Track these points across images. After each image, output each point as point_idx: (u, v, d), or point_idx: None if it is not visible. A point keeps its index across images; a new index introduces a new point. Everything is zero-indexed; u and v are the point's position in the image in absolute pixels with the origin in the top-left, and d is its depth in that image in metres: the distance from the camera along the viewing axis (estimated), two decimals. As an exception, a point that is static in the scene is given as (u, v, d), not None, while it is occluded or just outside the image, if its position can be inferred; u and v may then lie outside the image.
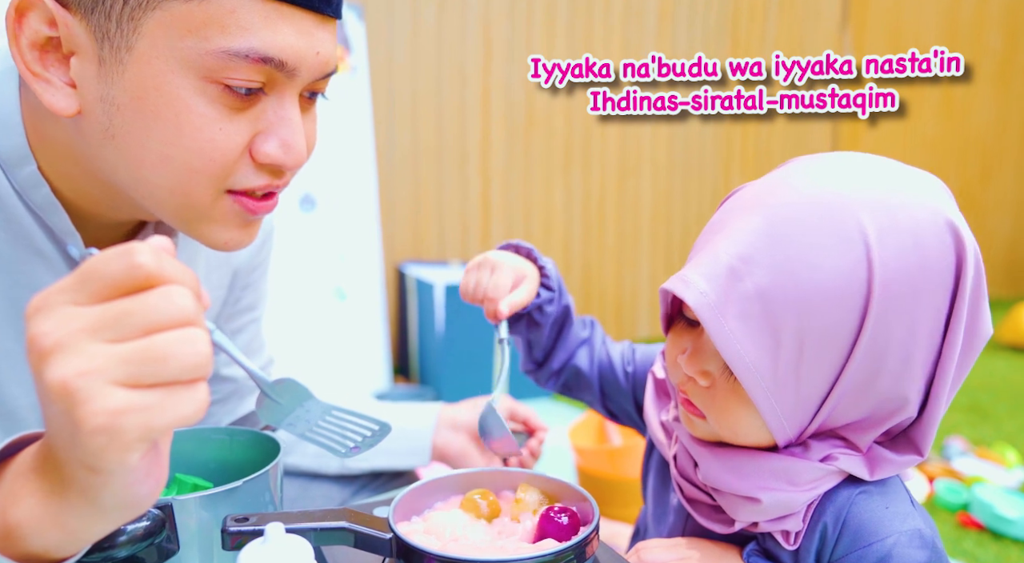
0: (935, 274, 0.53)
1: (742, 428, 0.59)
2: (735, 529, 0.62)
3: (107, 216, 0.69)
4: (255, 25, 0.56)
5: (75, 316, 0.38)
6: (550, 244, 3.38)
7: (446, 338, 2.65)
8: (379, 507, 0.66)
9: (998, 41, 4.44)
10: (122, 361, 0.37)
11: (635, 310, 3.64)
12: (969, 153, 4.63)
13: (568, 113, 3.32)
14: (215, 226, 0.64)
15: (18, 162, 0.63)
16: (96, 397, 0.36)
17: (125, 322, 0.37)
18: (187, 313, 0.38)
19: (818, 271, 0.52)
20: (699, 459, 0.62)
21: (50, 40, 0.58)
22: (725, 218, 0.59)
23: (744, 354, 0.54)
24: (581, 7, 3.27)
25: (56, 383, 0.36)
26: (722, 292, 0.54)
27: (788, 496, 0.57)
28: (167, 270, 0.39)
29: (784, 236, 0.53)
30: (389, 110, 2.97)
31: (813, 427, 0.58)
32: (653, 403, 0.75)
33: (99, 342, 0.37)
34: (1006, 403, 2.68)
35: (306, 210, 2.58)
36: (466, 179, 3.16)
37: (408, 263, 3.03)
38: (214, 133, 0.58)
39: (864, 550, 0.56)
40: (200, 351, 0.38)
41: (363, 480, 1.02)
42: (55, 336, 0.37)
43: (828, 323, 0.52)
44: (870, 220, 0.52)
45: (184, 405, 0.38)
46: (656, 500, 0.73)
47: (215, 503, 0.57)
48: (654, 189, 3.59)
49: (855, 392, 0.55)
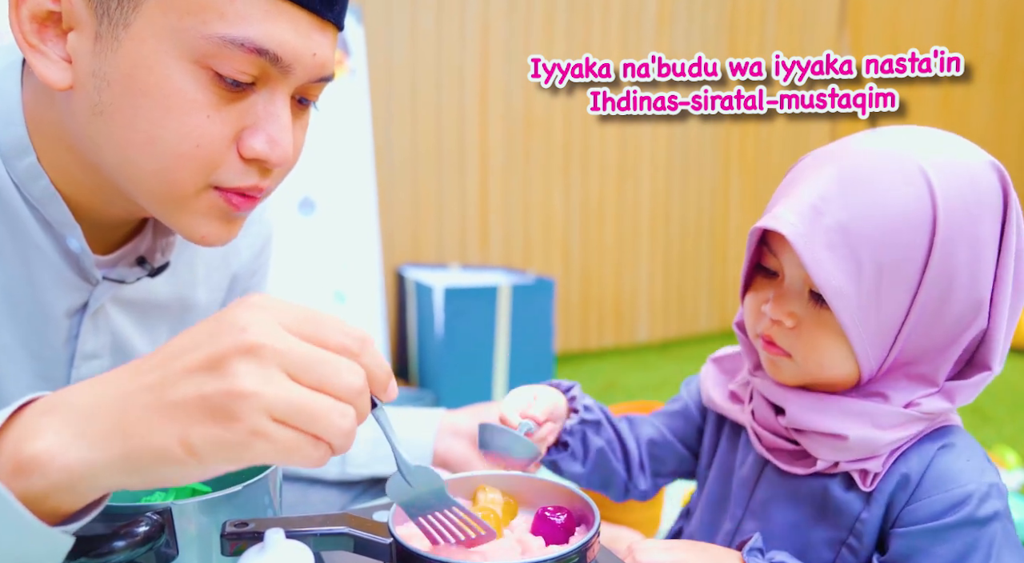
0: (987, 204, 0.61)
1: (828, 359, 0.64)
2: (816, 469, 0.66)
3: (102, 212, 0.69)
4: (254, 16, 0.56)
5: (282, 336, 0.43)
6: (549, 246, 3.38)
7: (445, 341, 2.65)
8: (379, 511, 0.65)
9: (996, 42, 4.45)
10: (287, 401, 0.42)
11: (634, 312, 3.64)
12: (968, 155, 4.63)
13: (567, 115, 3.32)
14: (197, 218, 0.64)
15: (17, 153, 0.63)
16: (251, 417, 0.41)
17: (309, 368, 0.43)
18: (353, 390, 0.44)
19: (889, 206, 0.60)
20: (785, 403, 0.68)
21: (51, 14, 0.58)
22: (797, 176, 0.67)
23: (832, 278, 0.60)
24: (579, 9, 3.27)
25: (236, 383, 0.41)
26: (808, 225, 0.61)
27: (873, 435, 0.63)
28: (364, 361, 0.46)
29: (855, 179, 0.61)
30: (388, 113, 2.97)
31: (893, 354, 0.63)
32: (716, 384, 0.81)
33: (283, 371, 0.43)
34: (1006, 405, 2.68)
35: (305, 213, 2.57)
36: (465, 182, 3.16)
37: (407, 266, 3.02)
38: (201, 120, 0.58)
39: (943, 494, 0.62)
40: (344, 426, 0.44)
41: (363, 485, 1.02)
42: (262, 341, 0.42)
43: (902, 249, 0.60)
44: (928, 163, 0.61)
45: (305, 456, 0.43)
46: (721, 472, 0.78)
47: (214, 508, 0.56)
48: (653, 191, 3.59)
49: (930, 314, 0.62)
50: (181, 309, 0.82)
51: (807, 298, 0.65)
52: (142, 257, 0.75)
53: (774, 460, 0.70)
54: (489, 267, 3.13)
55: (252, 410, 0.41)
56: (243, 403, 0.41)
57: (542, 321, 2.80)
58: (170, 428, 0.42)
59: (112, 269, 0.72)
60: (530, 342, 2.76)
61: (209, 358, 0.42)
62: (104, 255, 0.72)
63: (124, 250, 0.74)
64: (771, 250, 0.68)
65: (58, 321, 0.70)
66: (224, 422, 0.41)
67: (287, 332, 0.43)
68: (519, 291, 2.73)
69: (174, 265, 0.78)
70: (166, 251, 0.75)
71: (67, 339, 0.71)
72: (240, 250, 0.89)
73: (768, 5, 3.68)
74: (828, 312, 0.63)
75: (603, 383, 3.07)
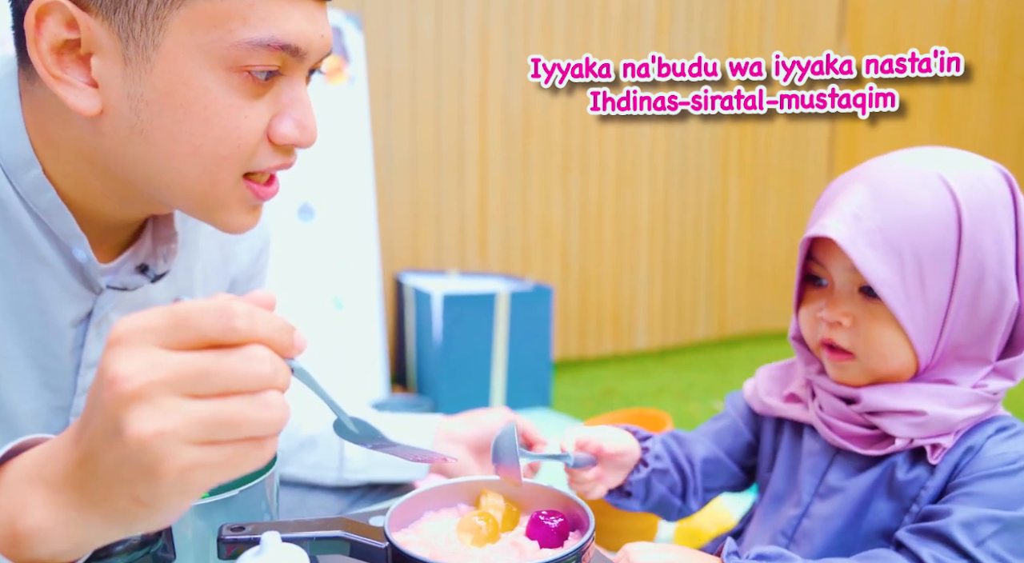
0: (1000, 199, 0.71)
1: (888, 348, 0.72)
2: (894, 448, 0.72)
3: (114, 215, 0.69)
4: (272, 15, 0.59)
5: (159, 363, 0.39)
6: (548, 251, 3.38)
7: (444, 347, 2.65)
8: (375, 516, 0.66)
9: (995, 46, 4.47)
10: (198, 422, 0.39)
11: (632, 319, 3.64)
12: (966, 164, 4.64)
13: (565, 120, 3.33)
14: (231, 211, 0.67)
15: (22, 167, 0.64)
16: (172, 456, 0.38)
17: (205, 380, 0.39)
18: (263, 378, 0.40)
19: (918, 208, 0.69)
20: (860, 393, 0.74)
21: (67, 42, 0.59)
22: (831, 197, 0.75)
23: (879, 270, 0.69)
24: (578, 14, 3.29)
25: (134, 436, 0.38)
26: (852, 229, 0.70)
27: (949, 412, 0.70)
28: (259, 333, 0.41)
29: (885, 190, 0.71)
30: (387, 119, 2.98)
31: (944, 338, 0.71)
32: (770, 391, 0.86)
33: (178, 396, 0.39)
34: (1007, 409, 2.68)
35: (304, 219, 2.58)
36: (464, 188, 3.17)
37: (406, 272, 3.03)
38: (240, 121, 0.61)
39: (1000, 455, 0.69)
40: (273, 417, 0.40)
41: (360, 491, 1.02)
42: (137, 383, 0.39)
43: (935, 243, 0.69)
44: (944, 171, 0.71)
45: (251, 461, 0.41)
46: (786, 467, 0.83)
47: (211, 512, 0.57)
48: (651, 198, 3.60)
49: (969, 297, 0.70)
50: None
51: (858, 296, 0.73)
52: (144, 264, 0.75)
53: (849, 445, 0.75)
54: (488, 274, 3.13)
55: (167, 450, 0.38)
56: (155, 449, 0.38)
57: (540, 328, 2.81)
58: (119, 489, 0.40)
59: (114, 277, 0.73)
60: (528, 349, 2.77)
61: (104, 419, 0.40)
62: (106, 263, 0.72)
63: (125, 256, 0.74)
64: (818, 262, 0.76)
65: (63, 331, 0.70)
66: (150, 473, 0.39)
67: (164, 350, 0.40)
68: (517, 298, 2.73)
69: (172, 270, 0.79)
70: (168, 258, 0.76)
71: (72, 348, 0.71)
72: (238, 254, 0.89)
73: (767, 7, 3.70)
74: (879, 306, 0.71)
75: (601, 390, 3.07)
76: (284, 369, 0.42)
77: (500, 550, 0.60)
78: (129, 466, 0.39)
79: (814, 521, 0.76)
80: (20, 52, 0.63)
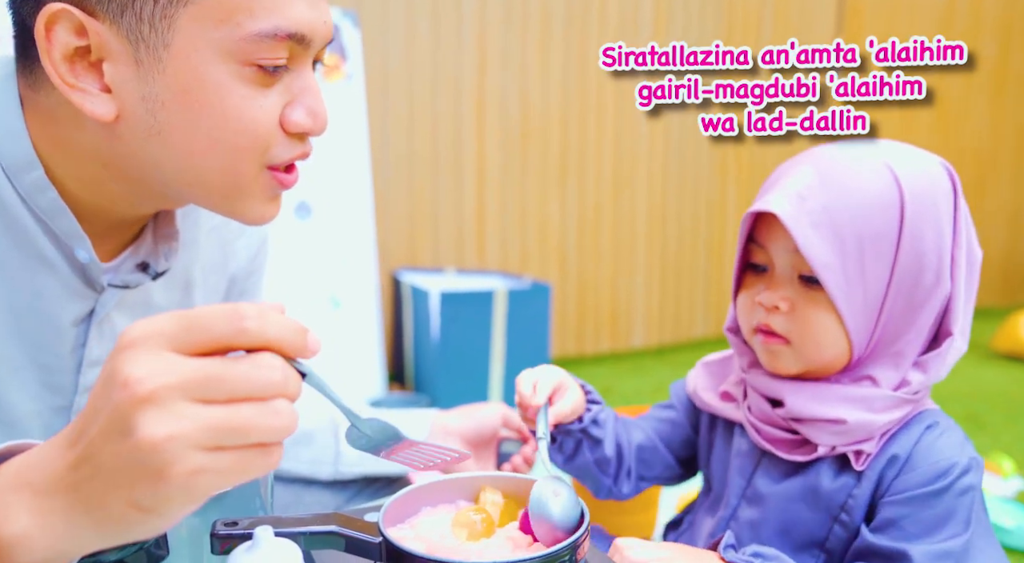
0: (941, 191, 0.71)
1: (823, 337, 0.71)
2: (816, 455, 0.72)
3: (124, 214, 0.70)
4: (276, 4, 0.59)
5: (172, 367, 0.40)
6: (545, 253, 3.38)
7: (441, 345, 2.65)
8: (370, 512, 0.65)
9: (992, 51, 4.47)
10: (207, 428, 0.39)
11: (630, 318, 3.64)
12: (964, 164, 4.65)
13: (563, 118, 3.33)
14: (254, 202, 0.67)
15: (24, 167, 0.63)
16: (180, 460, 0.39)
17: (216, 385, 0.40)
18: (273, 385, 0.41)
19: (863, 191, 0.69)
20: (783, 395, 0.73)
21: (78, 50, 0.59)
22: (777, 176, 0.75)
23: (821, 253, 0.68)
24: (577, 16, 3.29)
25: (145, 438, 0.38)
26: (796, 208, 0.69)
27: (869, 418, 0.69)
28: (270, 336, 0.42)
29: (832, 172, 0.70)
30: (384, 117, 2.97)
31: (879, 329, 0.71)
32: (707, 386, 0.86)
33: (190, 401, 0.39)
34: (1002, 412, 2.68)
35: (301, 218, 2.57)
36: (461, 187, 3.16)
37: (403, 270, 3.02)
38: (255, 112, 0.62)
39: (929, 466, 0.68)
40: (281, 424, 0.41)
41: (357, 486, 1.02)
42: (150, 386, 0.39)
43: (878, 228, 0.68)
44: (891, 159, 0.71)
45: (257, 468, 0.41)
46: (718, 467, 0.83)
47: (204, 508, 0.56)
48: (649, 197, 3.60)
49: (907, 287, 0.69)
50: None
51: (797, 282, 0.72)
52: (144, 262, 0.75)
53: (774, 450, 0.74)
54: (485, 272, 3.13)
55: (176, 454, 0.39)
56: (163, 453, 0.38)
57: (538, 326, 2.80)
58: (116, 494, 0.40)
59: (116, 274, 0.73)
60: (526, 347, 2.76)
61: (112, 420, 0.40)
62: (107, 261, 0.72)
63: (126, 254, 0.74)
64: (759, 244, 0.75)
65: (65, 330, 0.70)
66: (156, 476, 0.39)
67: (175, 355, 0.40)
68: (515, 296, 2.73)
69: (173, 268, 0.78)
70: (169, 256, 0.76)
71: (74, 347, 0.71)
72: (237, 251, 0.89)
73: (765, 5, 3.70)
74: (819, 292, 0.70)
75: (598, 388, 3.04)
76: (294, 377, 0.43)
77: (495, 545, 0.60)
78: (133, 469, 0.39)
79: (741, 526, 0.76)
80: (22, 61, 0.63)
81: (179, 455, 0.39)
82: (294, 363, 0.44)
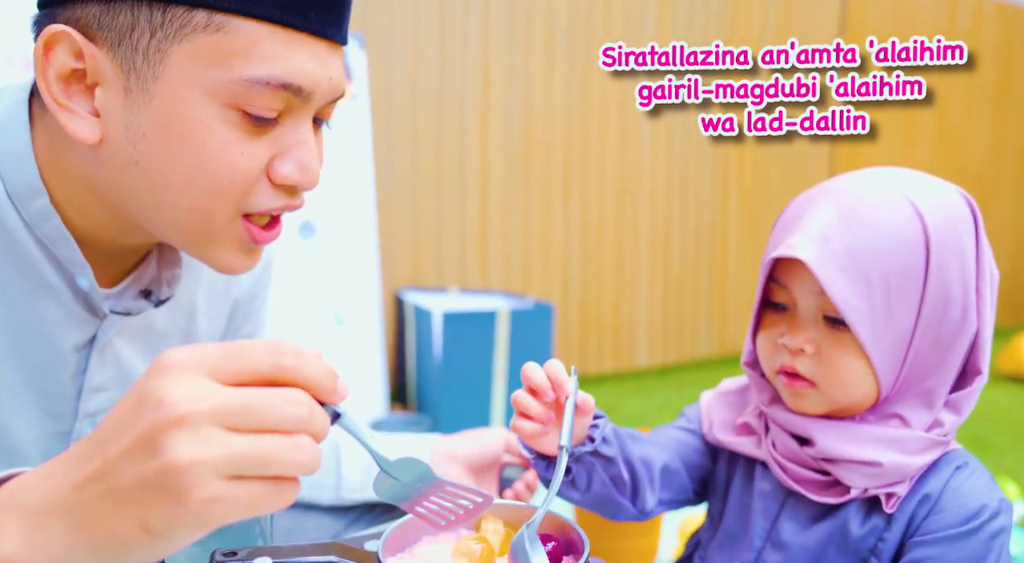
0: (963, 222, 0.69)
1: (851, 379, 0.68)
2: (850, 497, 0.69)
3: (117, 242, 0.70)
4: (276, 54, 0.59)
5: (207, 393, 0.40)
6: (548, 270, 3.38)
7: (444, 365, 2.64)
8: (370, 541, 0.65)
9: (992, 70, 4.49)
10: (232, 457, 0.40)
11: (633, 336, 3.63)
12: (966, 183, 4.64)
13: (566, 137, 3.34)
14: (224, 250, 0.66)
15: (30, 195, 0.64)
16: (200, 486, 0.39)
17: (246, 415, 0.40)
18: (300, 420, 0.42)
19: (886, 229, 0.67)
20: (815, 434, 0.70)
21: (75, 72, 0.59)
22: (796, 214, 0.72)
23: (847, 296, 0.66)
24: (580, 36, 3.31)
25: (172, 459, 0.39)
26: (821, 250, 0.67)
27: (904, 461, 0.67)
28: (304, 375, 0.43)
29: (853, 210, 0.68)
30: (388, 136, 2.99)
31: (907, 368, 0.69)
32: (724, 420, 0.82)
33: (219, 427, 0.40)
34: (1007, 435, 2.67)
35: (305, 237, 2.58)
36: (465, 206, 3.17)
37: (406, 290, 3.02)
38: (236, 156, 0.60)
39: (960, 508, 0.67)
40: (301, 459, 0.41)
41: (357, 512, 1.01)
42: (185, 409, 0.39)
43: (903, 264, 0.66)
44: (910, 191, 0.69)
45: (271, 503, 0.41)
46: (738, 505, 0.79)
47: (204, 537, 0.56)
48: (652, 217, 3.60)
49: (935, 323, 0.68)
50: (183, 338, 0.82)
51: (822, 324, 0.70)
52: (147, 289, 0.75)
53: (802, 490, 0.72)
54: (488, 291, 3.13)
55: (199, 479, 0.39)
56: (187, 476, 0.39)
57: (541, 346, 2.80)
58: (126, 514, 0.40)
59: (118, 301, 0.73)
60: (529, 367, 2.75)
61: (140, 439, 0.40)
62: (110, 287, 0.72)
63: (129, 280, 0.74)
64: (780, 284, 0.72)
65: (66, 356, 0.70)
66: (175, 499, 0.39)
67: (211, 381, 0.41)
68: (518, 316, 2.72)
69: (176, 295, 0.78)
70: (172, 284, 0.76)
71: (75, 374, 0.71)
72: (241, 278, 0.89)
73: (768, 6, 3.72)
74: (844, 333, 0.68)
75: (602, 408, 3.03)
76: (321, 415, 0.43)
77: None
78: (153, 490, 0.39)
79: None
80: None
81: (201, 481, 0.39)
82: (328, 407, 0.45)
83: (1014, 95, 4.64)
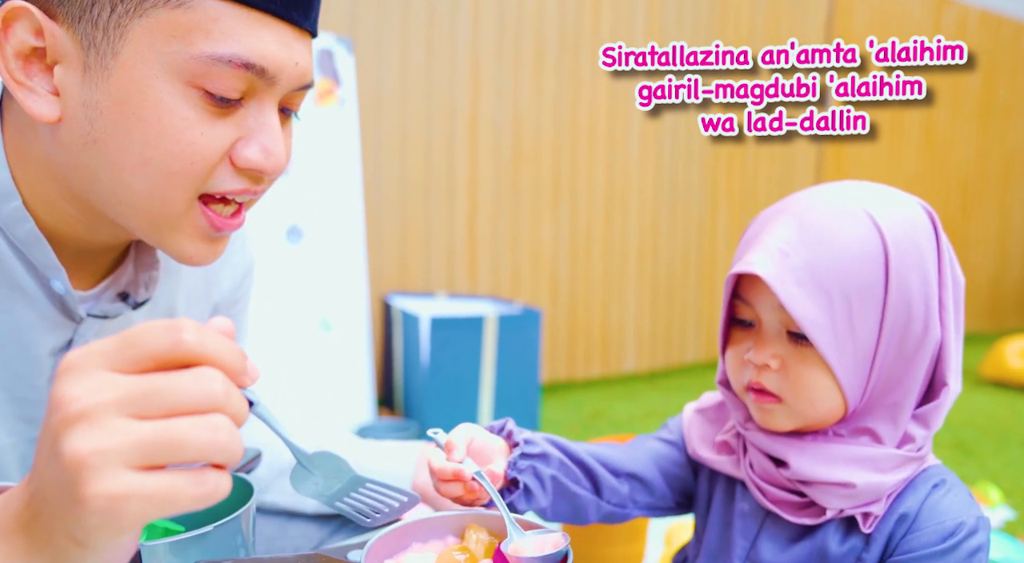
0: (924, 235, 0.69)
1: (816, 394, 0.69)
2: (825, 518, 0.70)
3: (87, 240, 0.69)
4: (238, 32, 0.58)
5: (107, 384, 0.38)
6: (537, 277, 3.38)
7: (431, 370, 2.64)
8: (353, 550, 0.65)
9: (977, 77, 4.53)
10: (139, 443, 0.37)
11: (621, 344, 3.64)
12: (950, 189, 4.69)
13: (555, 143, 3.35)
14: (183, 238, 0.64)
15: (2, 198, 0.63)
16: (103, 478, 0.36)
17: (153, 399, 0.37)
18: (214, 398, 0.38)
19: (845, 243, 0.67)
20: (788, 456, 0.71)
21: (35, 50, 0.59)
22: (758, 229, 0.72)
23: (807, 311, 0.66)
24: (569, 42, 3.32)
25: (69, 454, 0.36)
26: (779, 266, 0.67)
27: (879, 480, 0.68)
28: (209, 350, 0.39)
29: (813, 226, 0.68)
30: (377, 141, 2.98)
31: (873, 381, 0.69)
32: (703, 437, 0.82)
33: (123, 417, 0.37)
34: (990, 441, 2.69)
35: (293, 241, 2.57)
36: (453, 212, 3.17)
37: (394, 295, 3.02)
38: (195, 136, 0.59)
39: (938, 525, 0.67)
40: (217, 440, 0.38)
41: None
42: (83, 404, 0.37)
43: (863, 280, 0.66)
44: (871, 206, 0.69)
45: (189, 497, 0.38)
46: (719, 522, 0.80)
47: (185, 548, 0.55)
48: (640, 222, 3.61)
49: (898, 336, 0.68)
50: None
51: (786, 339, 0.70)
52: (124, 292, 0.74)
53: (780, 512, 0.72)
54: (476, 297, 3.12)
55: (101, 471, 0.36)
56: (87, 470, 0.36)
57: (529, 351, 2.80)
58: (56, 529, 0.38)
59: (95, 304, 0.72)
60: (516, 372, 2.76)
61: (49, 446, 0.38)
62: (86, 290, 0.72)
63: (106, 283, 0.73)
64: (745, 301, 0.72)
65: (42, 361, 0.69)
66: (78, 498, 0.36)
67: (110, 373, 0.38)
68: (506, 321, 2.72)
69: (154, 298, 0.78)
70: (149, 286, 0.75)
71: (51, 378, 0.70)
72: (221, 281, 0.88)
73: (757, 5, 3.74)
74: (808, 348, 0.68)
75: (589, 413, 3.06)
76: (237, 395, 0.40)
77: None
78: (65, 496, 0.37)
79: None
80: None
81: (104, 473, 0.36)
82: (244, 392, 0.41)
83: (998, 102, 4.69)
